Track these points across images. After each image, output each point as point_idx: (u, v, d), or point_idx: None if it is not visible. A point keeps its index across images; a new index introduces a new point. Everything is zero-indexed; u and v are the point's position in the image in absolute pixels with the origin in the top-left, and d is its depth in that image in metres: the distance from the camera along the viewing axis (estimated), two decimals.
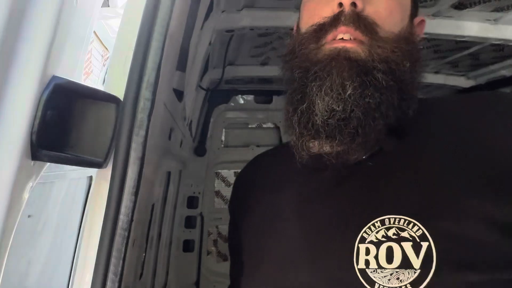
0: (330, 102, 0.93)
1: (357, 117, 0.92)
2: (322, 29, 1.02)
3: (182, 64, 1.61)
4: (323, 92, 0.95)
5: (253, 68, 3.44)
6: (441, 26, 2.45)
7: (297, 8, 2.34)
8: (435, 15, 2.38)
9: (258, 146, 4.49)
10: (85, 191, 2.73)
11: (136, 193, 0.78)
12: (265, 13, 2.30)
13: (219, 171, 4.45)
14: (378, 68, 0.94)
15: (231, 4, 2.19)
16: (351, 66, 0.93)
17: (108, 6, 2.92)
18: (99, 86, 1.42)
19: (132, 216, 0.81)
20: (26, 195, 0.71)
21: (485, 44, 2.75)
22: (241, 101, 4.18)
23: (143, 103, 0.78)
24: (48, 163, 0.74)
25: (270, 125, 4.54)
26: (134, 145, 0.78)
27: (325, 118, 0.95)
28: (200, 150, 4.09)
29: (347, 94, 0.92)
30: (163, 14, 0.79)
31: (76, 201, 2.69)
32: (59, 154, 0.70)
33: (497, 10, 2.28)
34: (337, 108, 0.93)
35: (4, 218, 0.63)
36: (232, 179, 4.42)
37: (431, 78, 3.71)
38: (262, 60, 3.32)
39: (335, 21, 0.99)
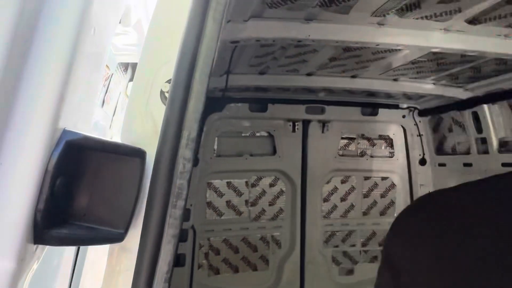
0: None
1: None
2: None
3: None
4: None
5: (251, 77, 3.30)
6: (452, 40, 2.37)
7: (307, 19, 2.24)
8: (446, 29, 2.29)
9: (251, 155, 4.35)
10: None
11: (169, 279, 0.62)
12: (272, 24, 2.16)
13: (211, 181, 4.27)
14: None
15: (237, 14, 2.04)
16: None
17: (119, 22, 2.72)
18: (98, 109, 1.21)
19: None
20: (26, 283, 0.54)
21: (490, 58, 2.71)
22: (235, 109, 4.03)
23: (183, 165, 0.63)
24: None
25: (263, 133, 4.41)
26: (170, 220, 0.62)
27: None
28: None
29: None
30: (207, 57, 0.64)
31: None
32: (69, 233, 0.54)
33: (511, 26, 2.21)
34: None
35: None
36: (224, 189, 4.26)
37: (429, 88, 3.66)
38: (261, 69, 3.19)
39: None
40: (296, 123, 4.29)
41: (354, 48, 2.65)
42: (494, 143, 3.58)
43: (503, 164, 3.50)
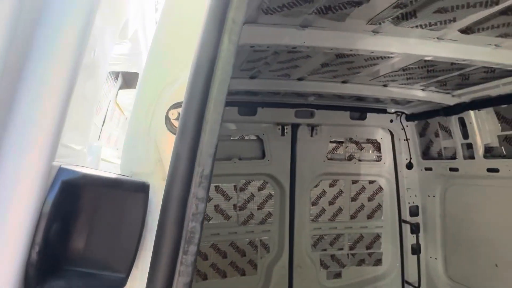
0: None
1: None
2: None
3: None
4: None
5: (242, 81, 3.25)
6: (444, 49, 2.38)
7: (303, 25, 2.20)
8: (440, 38, 2.30)
9: (240, 159, 4.29)
10: None
11: None
12: (267, 30, 2.11)
13: None
14: None
15: None
16: None
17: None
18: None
19: None
20: None
21: (479, 66, 2.74)
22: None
23: (195, 206, 0.57)
24: None
25: (252, 137, 4.37)
26: (182, 268, 0.56)
27: None
28: None
29: None
30: (222, 83, 0.59)
31: None
32: (65, 286, 0.48)
33: (501, 36, 2.24)
34: None
35: None
36: (212, 193, 4.18)
37: (418, 94, 3.69)
38: (252, 73, 3.13)
39: None
40: (285, 127, 4.26)
41: (347, 55, 2.64)
42: (480, 148, 3.64)
43: (488, 170, 3.57)
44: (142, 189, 0.58)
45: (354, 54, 2.58)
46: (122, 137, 5.27)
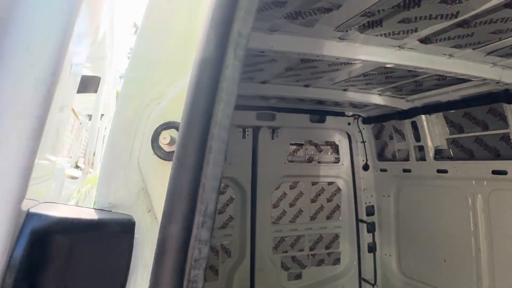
0: None
1: None
2: None
3: None
4: None
5: None
6: (404, 57, 2.47)
7: (272, 30, 2.17)
8: (401, 46, 2.39)
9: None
10: None
11: None
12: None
13: None
14: None
15: None
16: None
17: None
18: None
19: None
20: None
21: (432, 74, 2.89)
22: None
23: (198, 251, 0.49)
24: None
25: None
26: None
27: None
28: None
29: None
30: (227, 106, 0.52)
31: None
32: None
33: (455, 46, 2.37)
34: None
35: None
36: None
37: (374, 99, 3.83)
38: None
39: None
40: (246, 130, 4.23)
41: (311, 60, 2.65)
42: (431, 151, 3.87)
43: (438, 171, 3.80)
44: (127, 227, 0.50)
45: (319, 60, 2.60)
46: (75, 144, 4.90)
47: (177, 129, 0.65)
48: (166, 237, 0.46)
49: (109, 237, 0.46)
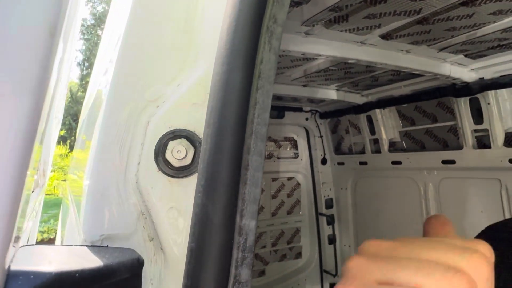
0: None
1: None
2: None
3: None
4: None
5: None
6: (364, 53, 2.52)
7: None
8: (362, 42, 2.43)
9: None
10: None
11: None
12: None
13: None
14: None
15: None
16: None
17: None
18: None
19: None
20: None
21: (388, 69, 3.00)
22: None
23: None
24: None
25: None
26: None
27: None
28: None
29: None
30: (263, 110, 0.44)
31: None
32: None
33: (413, 43, 2.46)
34: None
35: None
36: None
37: (332, 94, 3.90)
38: None
39: None
40: None
41: None
42: (385, 143, 4.03)
43: (393, 162, 3.97)
44: (136, 269, 0.40)
45: (283, 55, 2.57)
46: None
47: (187, 139, 0.55)
48: (196, 283, 0.36)
49: (116, 285, 0.36)
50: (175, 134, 0.56)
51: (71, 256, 0.40)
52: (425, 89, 3.39)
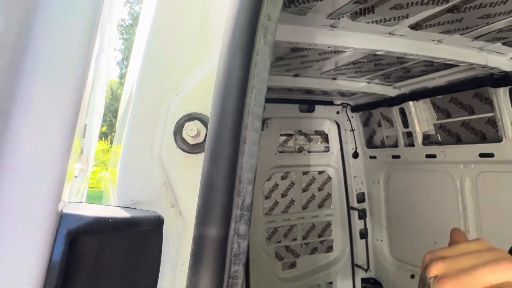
0: None
1: None
2: None
3: None
4: None
5: None
6: (394, 44, 2.49)
7: None
8: (391, 33, 2.39)
9: None
10: None
11: None
12: None
13: None
14: None
15: None
16: None
17: None
18: None
19: None
20: None
21: (420, 60, 2.92)
22: None
23: (237, 245, 0.47)
24: None
25: None
26: None
27: None
28: None
29: None
30: (259, 94, 0.50)
31: None
32: None
33: (444, 32, 2.39)
34: None
35: None
36: None
37: (363, 87, 3.86)
38: None
39: None
40: None
41: (302, 49, 2.64)
42: (419, 136, 3.93)
43: (427, 156, 3.87)
44: (157, 225, 0.48)
45: (310, 49, 2.59)
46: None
47: (200, 121, 0.63)
48: (203, 233, 0.44)
49: (142, 234, 0.45)
50: (190, 117, 0.65)
51: (106, 210, 0.49)
52: (460, 79, 3.27)
